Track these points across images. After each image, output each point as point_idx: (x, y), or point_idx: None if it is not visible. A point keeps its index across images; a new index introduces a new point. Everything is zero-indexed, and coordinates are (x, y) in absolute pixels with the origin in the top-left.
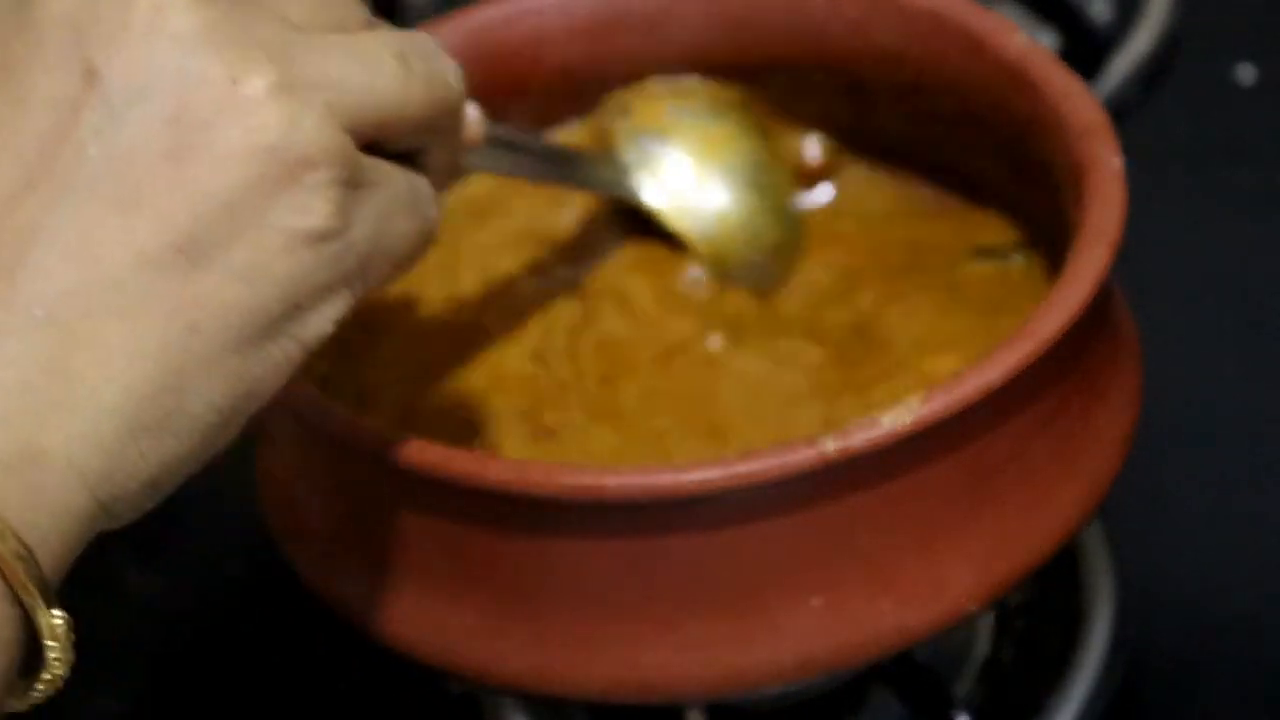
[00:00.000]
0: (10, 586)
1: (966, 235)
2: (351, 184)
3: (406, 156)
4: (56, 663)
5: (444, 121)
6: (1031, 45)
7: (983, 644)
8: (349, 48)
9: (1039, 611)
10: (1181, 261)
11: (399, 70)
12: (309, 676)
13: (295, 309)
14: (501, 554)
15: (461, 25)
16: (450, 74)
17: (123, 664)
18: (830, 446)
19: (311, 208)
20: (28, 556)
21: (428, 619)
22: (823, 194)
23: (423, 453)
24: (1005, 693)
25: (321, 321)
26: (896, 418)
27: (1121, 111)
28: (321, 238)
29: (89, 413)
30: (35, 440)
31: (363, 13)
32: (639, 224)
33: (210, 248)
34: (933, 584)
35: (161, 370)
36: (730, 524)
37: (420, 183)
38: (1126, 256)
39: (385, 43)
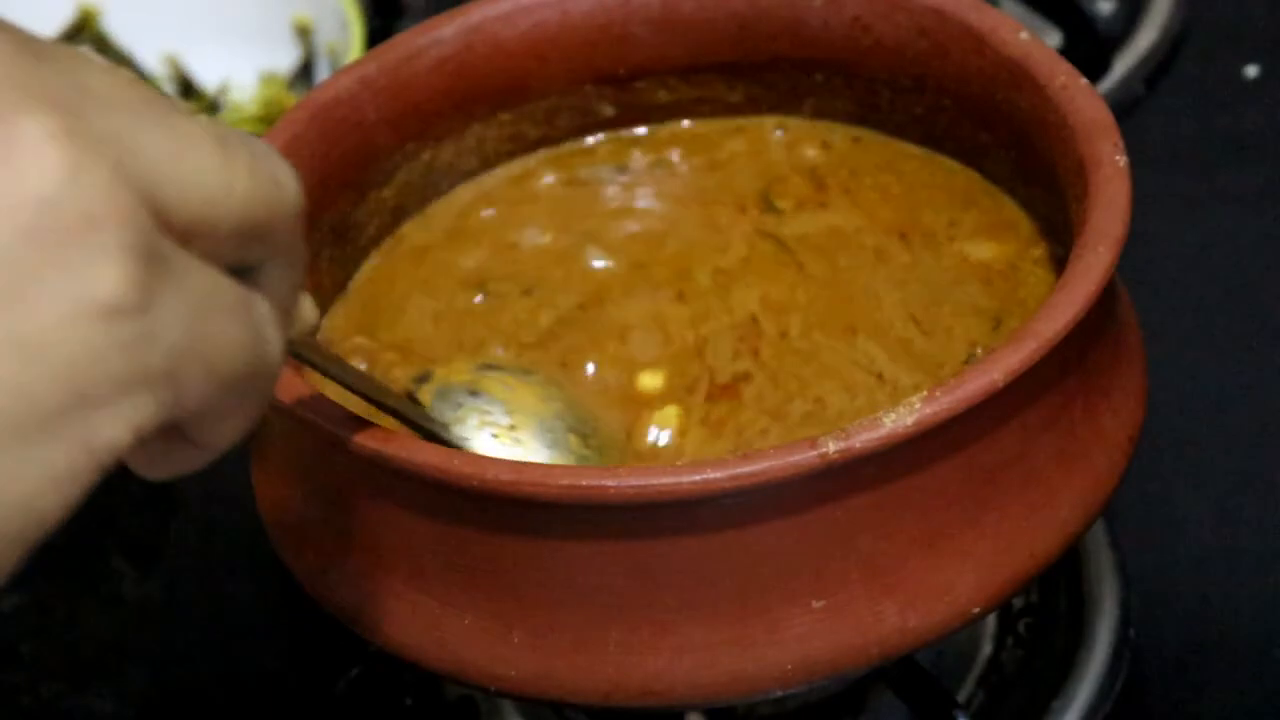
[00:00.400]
0: None
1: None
2: (153, 259)
3: (239, 276)
4: None
5: (276, 230)
6: (1035, 42)
7: (986, 646)
8: (158, 118)
9: (1042, 614)
10: (1186, 259)
11: (216, 152)
12: (308, 678)
13: (81, 401)
14: (501, 556)
15: (461, 24)
16: (284, 176)
17: (122, 666)
18: (831, 447)
19: (99, 274)
20: None
21: (426, 622)
22: None
23: (422, 454)
24: (1008, 695)
25: (117, 426)
26: (898, 418)
27: (1125, 109)
28: (113, 312)
29: None
30: None
31: (182, 105)
32: None
33: None
34: (936, 587)
35: None
36: (731, 526)
37: (258, 299)
38: (1131, 254)
39: (203, 124)
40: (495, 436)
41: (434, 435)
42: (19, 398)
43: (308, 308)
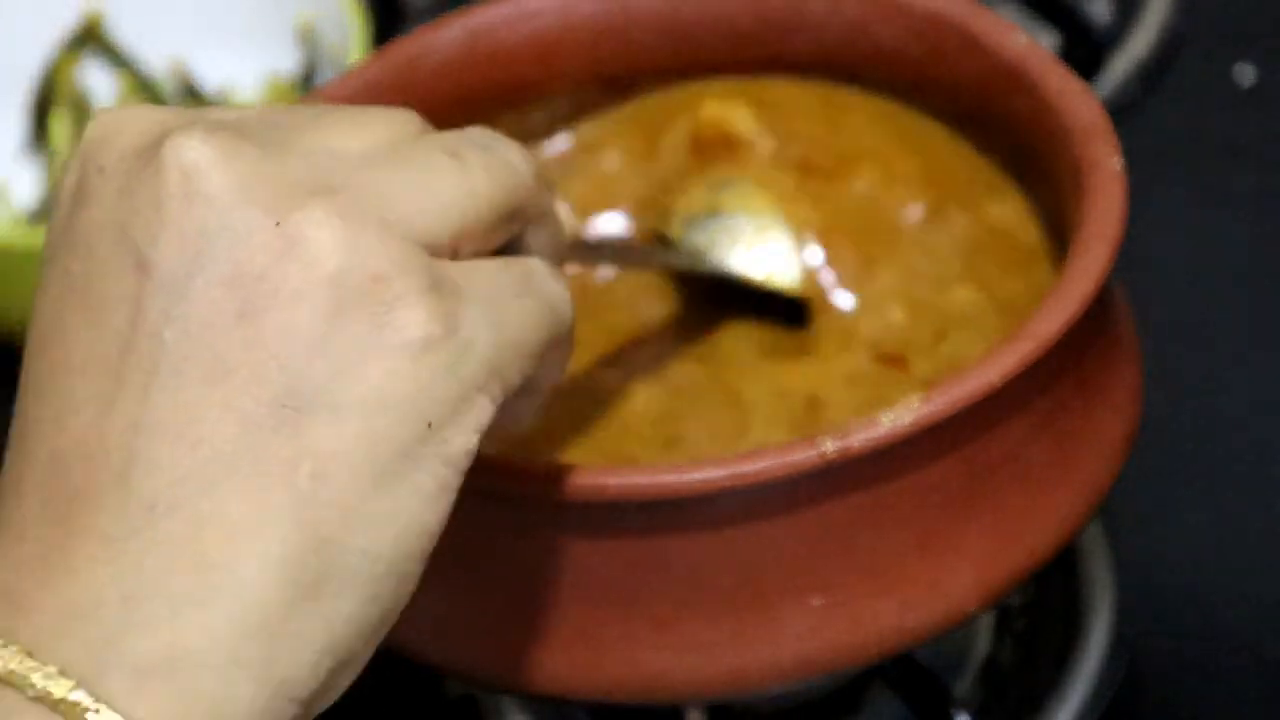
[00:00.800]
0: None
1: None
2: (440, 287)
3: (506, 250)
4: None
5: (525, 206)
6: (1031, 45)
7: (983, 644)
8: (397, 160)
9: (1039, 611)
10: (1181, 262)
11: (455, 168)
12: None
13: (428, 430)
14: (501, 554)
15: (461, 26)
16: (514, 156)
17: None
18: (830, 446)
19: (402, 321)
20: None
21: (427, 620)
22: None
23: None
24: (1005, 693)
25: (464, 435)
26: (896, 418)
27: (1121, 112)
28: (426, 347)
29: (230, 595)
30: (178, 642)
31: (412, 123)
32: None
33: (311, 392)
34: (933, 584)
35: (297, 529)
36: (730, 524)
37: (530, 264)
38: (1126, 257)
39: (435, 145)
40: (748, 247)
41: (698, 270)
42: (376, 449)
43: (568, 219)
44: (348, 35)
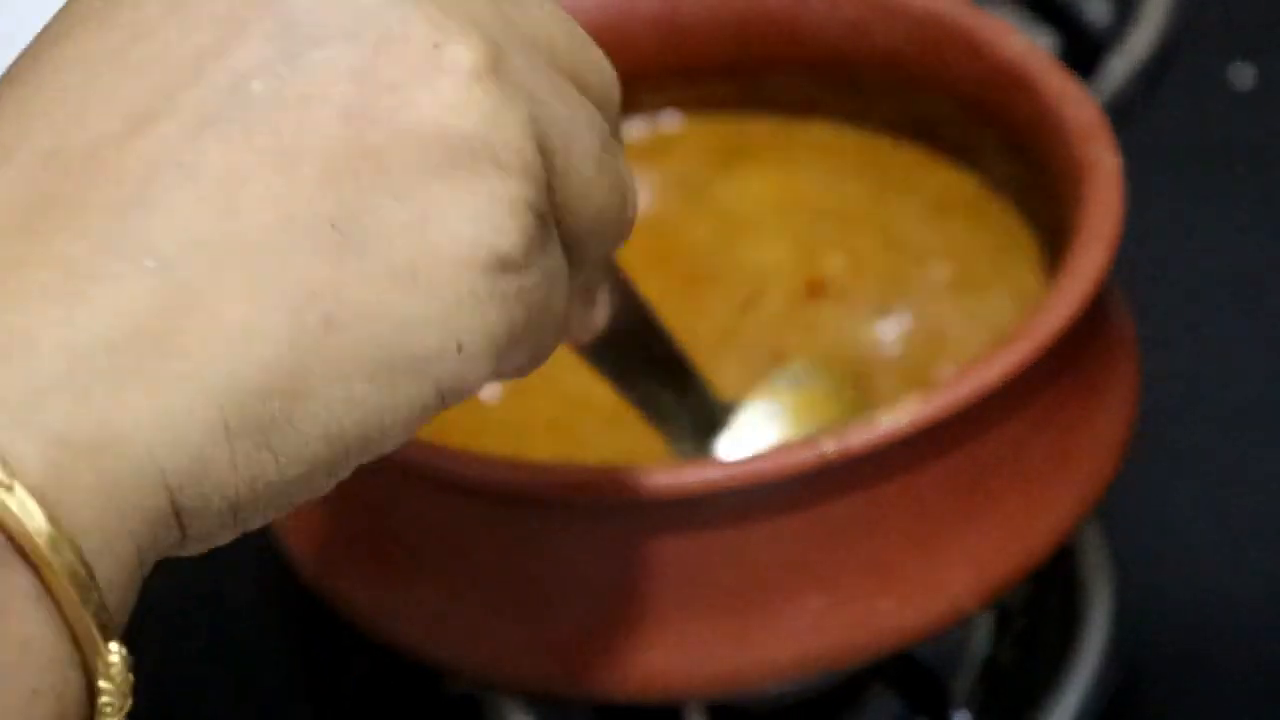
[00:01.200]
0: (65, 619)
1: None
2: (542, 221)
3: None
4: (109, 708)
5: (607, 236)
6: (1029, 46)
7: (981, 643)
8: (574, 95)
9: (1037, 610)
10: (1179, 262)
11: (607, 136)
12: (309, 676)
13: (454, 349)
14: (503, 554)
15: None
16: (631, 193)
17: None
18: (829, 447)
19: (499, 223)
20: (87, 580)
21: (427, 618)
22: None
23: (422, 452)
24: (1004, 691)
25: (476, 376)
26: (894, 418)
27: (1119, 113)
28: (503, 265)
29: (182, 394)
30: (112, 419)
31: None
32: None
33: (371, 232)
34: (931, 584)
35: (279, 362)
36: (729, 524)
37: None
38: (1124, 257)
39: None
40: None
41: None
42: (396, 330)
43: (601, 312)
44: None
